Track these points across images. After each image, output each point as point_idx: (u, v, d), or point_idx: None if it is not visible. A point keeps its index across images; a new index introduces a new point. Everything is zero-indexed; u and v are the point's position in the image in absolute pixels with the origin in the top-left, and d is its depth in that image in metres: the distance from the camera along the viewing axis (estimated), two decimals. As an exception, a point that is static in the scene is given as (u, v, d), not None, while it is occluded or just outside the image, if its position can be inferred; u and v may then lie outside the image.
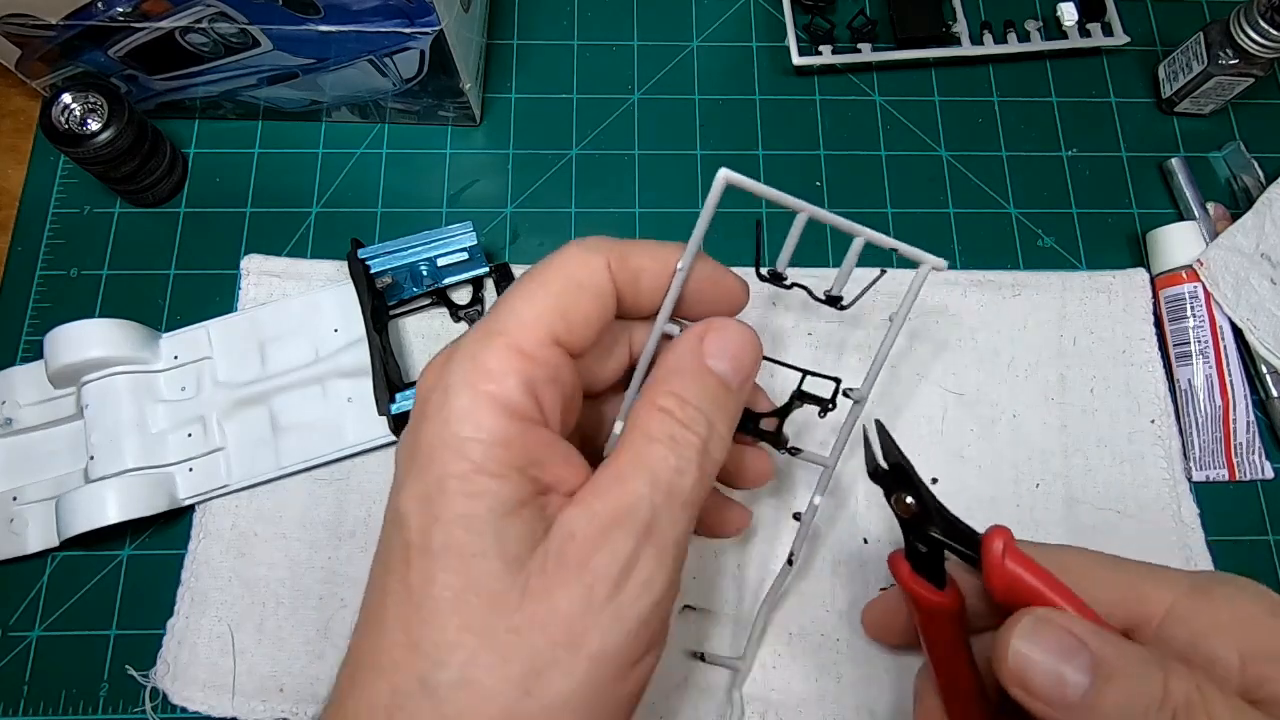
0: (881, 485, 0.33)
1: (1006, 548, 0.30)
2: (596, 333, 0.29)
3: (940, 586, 0.32)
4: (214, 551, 0.43)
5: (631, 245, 0.30)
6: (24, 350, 0.46)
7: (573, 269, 0.29)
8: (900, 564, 0.33)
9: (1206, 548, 0.44)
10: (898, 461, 0.33)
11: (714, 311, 0.32)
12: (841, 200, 0.50)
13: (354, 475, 0.44)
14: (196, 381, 0.44)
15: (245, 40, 0.44)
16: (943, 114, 0.53)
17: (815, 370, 0.35)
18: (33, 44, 0.44)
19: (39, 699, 0.41)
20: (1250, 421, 0.45)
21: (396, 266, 0.44)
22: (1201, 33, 0.49)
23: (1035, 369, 0.46)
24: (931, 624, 0.33)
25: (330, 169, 0.50)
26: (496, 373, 0.26)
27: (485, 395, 0.26)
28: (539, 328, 0.27)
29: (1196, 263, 0.46)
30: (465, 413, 0.26)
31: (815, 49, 0.52)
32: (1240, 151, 0.51)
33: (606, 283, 0.29)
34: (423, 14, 0.41)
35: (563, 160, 0.51)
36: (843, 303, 0.34)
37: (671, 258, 0.30)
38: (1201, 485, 0.45)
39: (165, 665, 0.41)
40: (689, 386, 0.29)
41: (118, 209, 0.49)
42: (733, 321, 0.31)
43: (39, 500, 0.43)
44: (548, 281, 0.28)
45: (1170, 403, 0.46)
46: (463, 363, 0.27)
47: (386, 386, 0.42)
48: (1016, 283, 0.48)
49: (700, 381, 0.29)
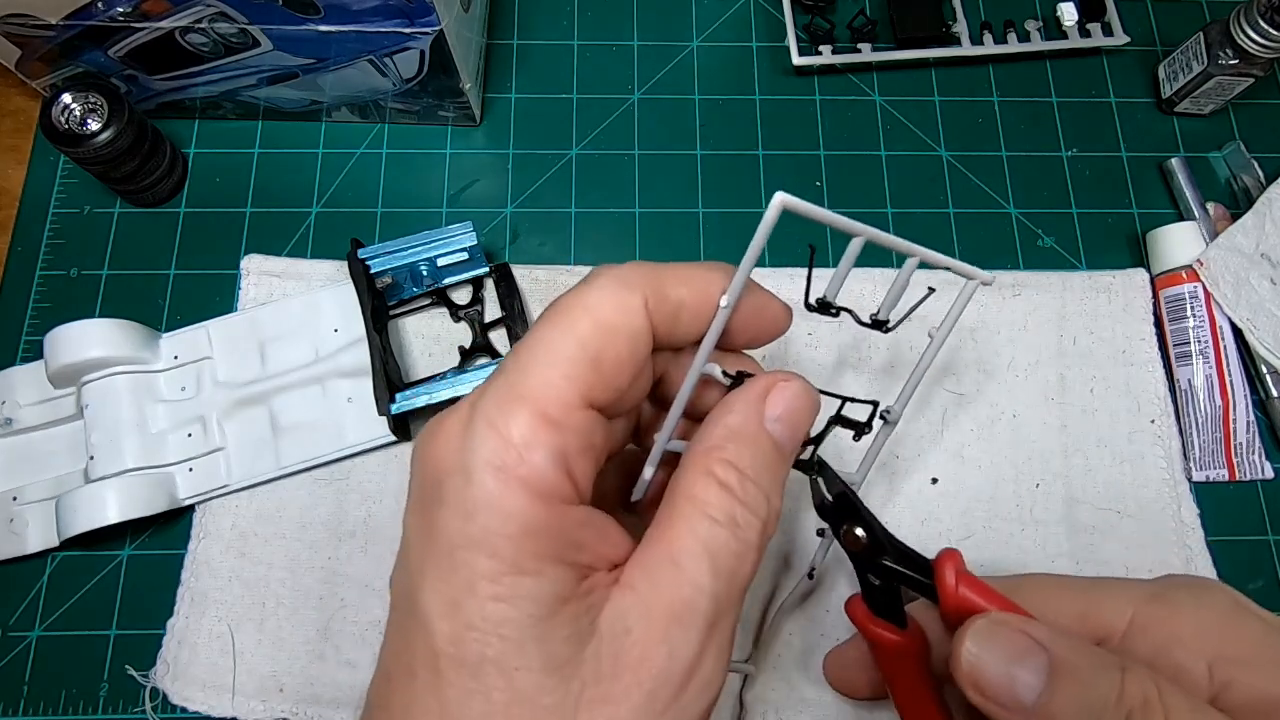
0: (828, 520, 0.32)
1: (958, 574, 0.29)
2: (630, 380, 0.26)
3: (901, 626, 0.31)
4: (214, 551, 0.43)
5: (670, 273, 0.26)
6: (24, 350, 0.46)
7: (606, 312, 0.25)
8: (857, 608, 0.32)
9: (1206, 547, 0.44)
10: (842, 492, 0.31)
11: (755, 340, 0.29)
12: (841, 200, 0.50)
13: (354, 475, 0.44)
14: (196, 381, 0.44)
15: (245, 40, 0.44)
16: (943, 114, 0.53)
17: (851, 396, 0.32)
18: (33, 44, 0.44)
19: (39, 699, 0.41)
20: (1250, 421, 0.45)
21: (396, 266, 0.44)
22: (1201, 33, 0.49)
23: (1035, 369, 0.46)
24: (895, 665, 0.32)
25: (330, 169, 0.50)
26: (523, 448, 0.23)
27: (514, 479, 0.23)
28: (569, 389, 0.24)
29: (1196, 263, 0.46)
30: (491, 502, 0.23)
31: (815, 49, 0.52)
32: (1240, 151, 0.51)
33: (643, 324, 0.25)
34: (423, 14, 0.41)
35: (563, 160, 0.51)
36: (888, 326, 0.31)
37: (714, 286, 0.27)
38: (1201, 485, 0.45)
39: (165, 665, 0.41)
40: (749, 456, 0.26)
41: (118, 209, 0.49)
42: (795, 380, 0.28)
43: (39, 500, 0.43)
44: (576, 326, 0.24)
45: (1170, 403, 0.46)
46: (484, 436, 0.23)
47: (386, 386, 0.42)
48: (1016, 283, 0.48)
49: (761, 450, 0.26)
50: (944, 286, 0.36)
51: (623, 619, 0.23)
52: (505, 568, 0.22)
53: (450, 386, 0.41)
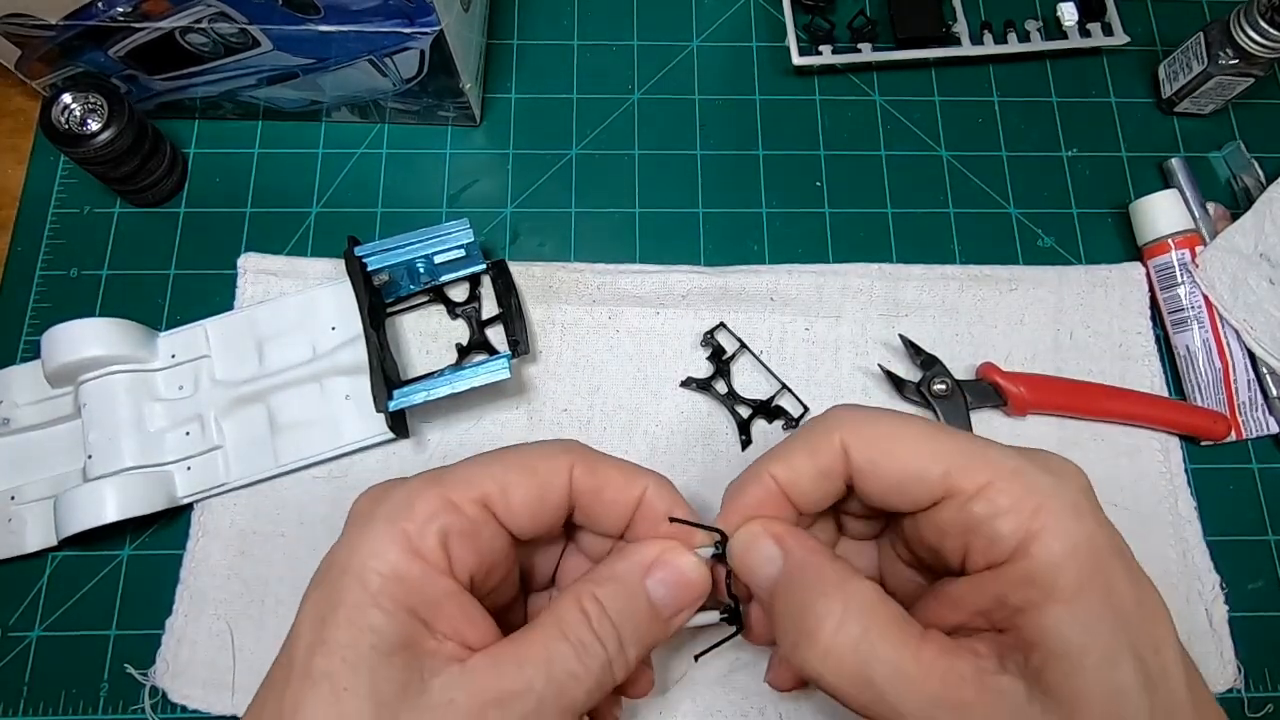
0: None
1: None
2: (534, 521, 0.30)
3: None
4: (213, 550, 0.43)
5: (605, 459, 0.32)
6: (24, 350, 0.46)
7: (535, 457, 0.31)
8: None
9: (1203, 540, 0.44)
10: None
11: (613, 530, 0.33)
12: (842, 200, 0.50)
13: (352, 472, 0.44)
14: (194, 380, 0.44)
15: (245, 40, 0.44)
16: (943, 114, 0.53)
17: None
18: (33, 44, 0.45)
19: (39, 699, 0.41)
20: (1250, 380, 0.46)
21: (393, 264, 0.44)
22: (1201, 33, 0.49)
23: (1031, 363, 0.46)
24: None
25: (330, 169, 0.50)
26: (418, 515, 0.28)
27: (399, 532, 0.28)
28: (473, 488, 0.29)
29: (1193, 265, 0.47)
30: (375, 543, 0.28)
31: (815, 49, 0.52)
32: (1240, 151, 0.51)
33: (561, 483, 0.31)
34: (423, 14, 0.41)
35: (563, 160, 0.51)
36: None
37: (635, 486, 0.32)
38: (1200, 484, 0.45)
39: (165, 664, 0.41)
40: (616, 600, 0.30)
41: (118, 209, 0.49)
42: (691, 559, 0.31)
43: (37, 499, 0.43)
44: (506, 456, 0.31)
45: (1167, 396, 0.46)
46: (398, 499, 0.29)
47: (384, 384, 0.42)
48: (1013, 277, 0.48)
49: (630, 600, 0.30)
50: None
51: (452, 688, 0.26)
52: (367, 599, 0.26)
53: (448, 383, 0.41)
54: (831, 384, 0.46)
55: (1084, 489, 0.29)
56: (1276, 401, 0.46)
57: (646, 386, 0.46)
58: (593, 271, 0.47)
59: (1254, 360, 0.46)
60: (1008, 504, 0.28)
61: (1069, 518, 0.27)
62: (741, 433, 0.45)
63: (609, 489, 0.31)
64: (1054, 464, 0.30)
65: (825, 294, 0.47)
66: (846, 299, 0.47)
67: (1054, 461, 0.30)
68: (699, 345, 0.46)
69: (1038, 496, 0.28)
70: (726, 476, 0.34)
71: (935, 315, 0.47)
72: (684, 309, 0.47)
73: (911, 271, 0.48)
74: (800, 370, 0.46)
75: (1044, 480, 0.28)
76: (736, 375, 0.46)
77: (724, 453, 0.45)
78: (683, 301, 0.47)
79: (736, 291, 0.47)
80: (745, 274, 0.47)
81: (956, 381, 0.45)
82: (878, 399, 0.46)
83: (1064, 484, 0.29)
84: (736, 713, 0.41)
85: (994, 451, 0.29)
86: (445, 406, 0.45)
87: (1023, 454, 0.29)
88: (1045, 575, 0.27)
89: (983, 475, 0.28)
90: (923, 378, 0.45)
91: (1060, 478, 0.29)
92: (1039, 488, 0.28)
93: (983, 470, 0.28)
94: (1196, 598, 0.43)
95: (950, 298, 0.47)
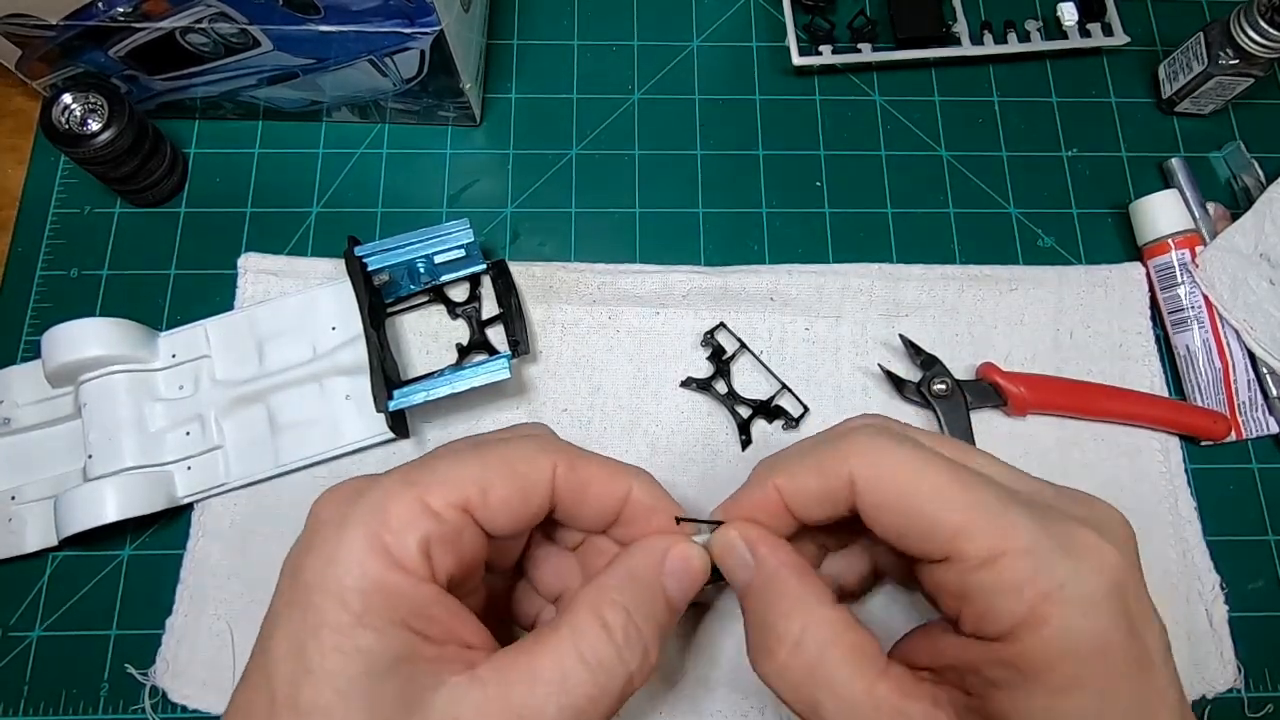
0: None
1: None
2: (514, 522, 0.29)
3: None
4: (213, 550, 0.43)
5: (586, 456, 0.31)
6: (24, 350, 0.46)
7: (515, 456, 0.29)
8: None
9: (1203, 540, 0.44)
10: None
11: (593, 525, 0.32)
12: (842, 200, 0.50)
13: (352, 472, 0.44)
14: (194, 380, 0.44)
15: (245, 40, 0.44)
16: (943, 114, 0.53)
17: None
18: (33, 44, 0.45)
19: (39, 699, 0.41)
20: (1250, 380, 0.46)
21: (394, 264, 0.44)
22: (1201, 33, 0.49)
23: (1031, 364, 0.46)
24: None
25: (330, 169, 0.50)
26: (396, 522, 0.26)
27: (378, 543, 0.26)
28: (452, 491, 0.27)
29: (1193, 265, 0.47)
30: (352, 557, 0.25)
31: (815, 49, 0.52)
32: (1240, 151, 0.51)
33: (543, 483, 0.29)
34: (423, 14, 0.41)
35: (563, 160, 0.51)
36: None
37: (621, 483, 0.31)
38: (1200, 484, 0.45)
39: (165, 664, 0.41)
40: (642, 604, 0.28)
41: (118, 209, 0.49)
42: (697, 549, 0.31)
43: (37, 499, 0.43)
44: (485, 454, 0.29)
45: (1167, 396, 0.46)
46: (370, 503, 0.26)
47: (384, 384, 0.42)
48: (1013, 277, 0.48)
49: (653, 602, 0.29)
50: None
51: (457, 705, 0.25)
52: (351, 619, 0.25)
53: (448, 383, 0.41)
54: (832, 384, 0.46)
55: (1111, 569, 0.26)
56: (1276, 401, 0.46)
57: (646, 386, 0.46)
58: (593, 271, 0.47)
59: (1254, 360, 0.46)
60: (1012, 583, 0.26)
61: (1077, 614, 0.25)
62: (741, 433, 0.45)
63: (593, 487, 0.30)
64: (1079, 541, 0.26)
65: (825, 294, 0.47)
66: (846, 299, 0.47)
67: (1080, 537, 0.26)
68: (699, 345, 0.46)
69: (1048, 584, 0.25)
70: (726, 476, 0.34)
71: (935, 315, 0.47)
72: (684, 309, 0.47)
73: (911, 271, 0.48)
74: (800, 370, 0.46)
75: (1060, 567, 0.26)
76: (736, 375, 0.46)
77: (724, 453, 0.45)
78: (683, 301, 0.47)
79: (736, 291, 0.47)
80: (745, 274, 0.47)
81: (956, 381, 0.45)
82: (878, 399, 0.46)
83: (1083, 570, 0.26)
84: (736, 713, 0.41)
85: (1014, 514, 0.27)
86: (445, 406, 0.45)
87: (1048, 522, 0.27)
88: (1034, 665, 0.25)
89: (994, 543, 0.26)
90: (923, 378, 0.45)
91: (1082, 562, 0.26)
92: (1052, 574, 0.25)
93: (995, 538, 0.26)
94: (1196, 598, 0.43)
95: (950, 298, 0.47)
